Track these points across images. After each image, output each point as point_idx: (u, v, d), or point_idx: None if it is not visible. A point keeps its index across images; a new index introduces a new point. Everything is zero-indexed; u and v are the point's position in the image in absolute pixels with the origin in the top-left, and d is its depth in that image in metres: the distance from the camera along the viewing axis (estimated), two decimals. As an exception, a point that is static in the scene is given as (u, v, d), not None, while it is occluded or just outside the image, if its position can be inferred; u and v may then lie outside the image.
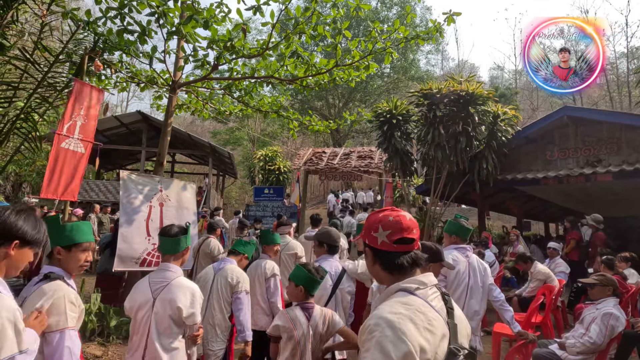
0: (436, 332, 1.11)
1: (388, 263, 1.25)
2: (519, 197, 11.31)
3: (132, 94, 34.13)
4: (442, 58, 42.25)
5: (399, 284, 1.21)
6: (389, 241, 1.25)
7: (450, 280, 3.07)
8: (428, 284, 1.21)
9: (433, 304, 1.17)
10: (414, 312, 1.11)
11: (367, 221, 1.34)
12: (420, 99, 8.68)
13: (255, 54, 5.18)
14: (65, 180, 3.05)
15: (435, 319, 1.13)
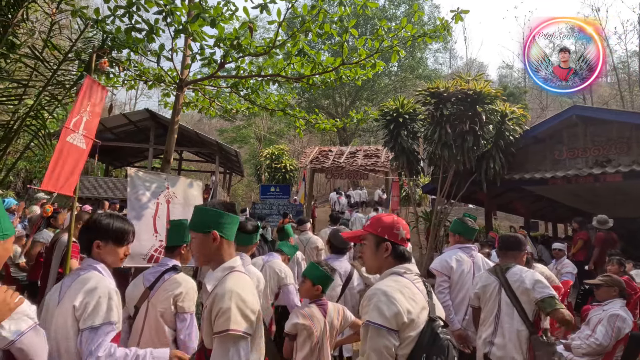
0: (418, 302, 1.49)
1: (398, 253, 1.63)
2: (527, 197, 11.22)
3: (140, 92, 34.40)
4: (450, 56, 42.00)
5: (392, 269, 1.61)
6: (405, 237, 1.66)
7: (455, 281, 3.05)
8: (413, 271, 1.60)
9: (416, 284, 1.56)
10: (402, 287, 1.51)
11: (383, 222, 1.68)
12: (427, 97, 8.64)
13: (261, 52, 5.19)
14: (66, 174, 3.08)
15: (417, 294, 1.52)
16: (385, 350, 1.40)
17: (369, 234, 1.69)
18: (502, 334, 2.60)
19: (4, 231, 1.44)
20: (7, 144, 3.57)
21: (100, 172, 19.37)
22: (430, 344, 1.40)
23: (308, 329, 2.26)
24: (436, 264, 3.15)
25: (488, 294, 2.71)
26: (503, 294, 2.64)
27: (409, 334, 1.42)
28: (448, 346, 1.41)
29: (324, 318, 2.31)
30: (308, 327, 2.26)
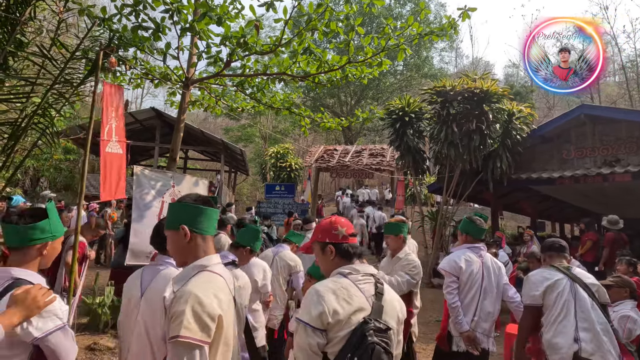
0: (353, 304, 1.50)
1: (342, 252, 1.65)
2: (534, 196, 11.13)
3: (146, 91, 34.53)
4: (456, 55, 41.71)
5: (338, 270, 1.62)
6: (346, 234, 1.67)
7: (463, 282, 3.01)
8: (361, 272, 1.60)
9: (361, 286, 1.56)
10: (338, 288, 1.53)
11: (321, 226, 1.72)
12: (433, 96, 8.59)
13: (267, 51, 5.18)
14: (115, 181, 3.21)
15: (355, 295, 1.52)
16: (309, 347, 1.46)
17: (314, 242, 1.74)
18: (585, 329, 2.54)
19: (53, 232, 1.63)
20: (15, 141, 3.59)
21: (106, 170, 19.48)
22: (356, 346, 1.43)
23: None
24: (445, 264, 3.11)
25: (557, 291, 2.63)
26: (578, 290, 2.63)
27: (337, 334, 1.47)
28: (374, 348, 1.42)
29: None
30: None
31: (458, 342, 2.96)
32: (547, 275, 2.72)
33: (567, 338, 2.55)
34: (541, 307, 2.69)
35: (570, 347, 2.52)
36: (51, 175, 16.29)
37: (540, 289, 2.68)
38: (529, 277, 2.87)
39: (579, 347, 2.50)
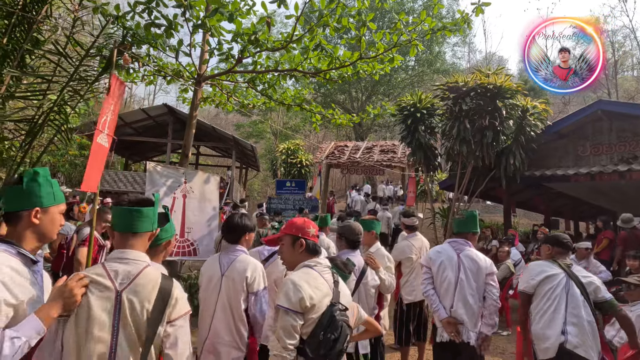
0: (322, 290, 1.80)
1: (310, 248, 1.95)
2: (547, 194, 10.95)
3: (158, 88, 34.89)
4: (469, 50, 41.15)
5: (304, 262, 1.92)
6: (315, 234, 1.98)
7: (434, 273, 3.11)
8: (322, 264, 1.92)
9: (324, 275, 1.87)
10: (309, 277, 1.82)
11: (296, 224, 2.00)
12: (445, 92, 8.50)
13: (279, 47, 5.18)
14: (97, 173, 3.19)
15: (322, 283, 1.83)
16: (292, 327, 1.72)
17: (285, 234, 2.00)
18: (573, 324, 2.73)
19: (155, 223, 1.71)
20: (32, 138, 3.66)
21: (120, 166, 19.78)
22: (327, 324, 1.73)
23: None
24: (423, 257, 3.34)
25: (552, 284, 2.82)
26: (573, 286, 2.81)
27: (311, 316, 1.74)
28: (342, 325, 1.76)
29: None
30: None
31: (441, 333, 3.02)
32: (546, 267, 2.93)
33: (556, 330, 2.75)
34: (532, 296, 2.91)
35: (558, 338, 2.73)
36: (67, 171, 16.60)
37: (536, 279, 2.89)
38: (530, 265, 3.07)
39: (565, 339, 2.71)
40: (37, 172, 1.48)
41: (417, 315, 4.15)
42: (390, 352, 4.51)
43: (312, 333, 1.72)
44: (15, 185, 1.46)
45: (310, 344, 1.72)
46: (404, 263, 4.22)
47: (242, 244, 2.62)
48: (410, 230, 4.36)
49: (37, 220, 1.46)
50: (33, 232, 1.47)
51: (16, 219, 1.45)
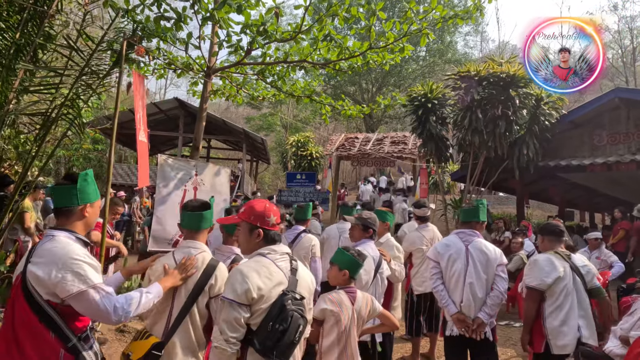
0: (273, 279, 1.73)
1: (269, 238, 1.85)
2: (562, 185, 10.76)
3: (169, 82, 35.10)
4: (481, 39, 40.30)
5: (258, 250, 1.84)
6: (275, 223, 1.86)
7: (443, 267, 3.03)
8: (278, 251, 1.83)
9: (278, 263, 1.79)
10: (260, 266, 1.75)
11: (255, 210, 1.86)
12: (457, 82, 8.37)
13: (288, 38, 5.14)
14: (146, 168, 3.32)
15: (275, 272, 1.75)
16: (235, 321, 1.66)
17: (242, 221, 1.89)
18: (582, 317, 2.79)
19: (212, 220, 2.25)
20: (45, 131, 3.72)
21: (133, 160, 20.02)
22: (277, 314, 1.66)
23: (336, 315, 2.23)
24: (430, 250, 3.23)
25: (565, 282, 2.82)
26: (577, 279, 2.85)
27: (260, 307, 1.69)
28: (292, 315, 1.68)
29: (352, 305, 2.28)
30: (336, 313, 2.23)
31: (451, 327, 2.97)
32: (557, 264, 2.85)
33: (573, 326, 2.76)
34: (544, 292, 2.86)
35: (575, 335, 2.75)
36: (81, 165, 16.88)
37: (551, 277, 2.81)
38: (537, 260, 2.95)
39: (581, 333, 2.75)
40: (87, 173, 1.79)
41: (429, 307, 4.14)
42: (402, 342, 4.52)
43: (261, 324, 1.67)
44: (69, 185, 1.73)
45: (258, 335, 1.67)
46: (415, 254, 4.20)
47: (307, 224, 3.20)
48: (421, 221, 4.33)
49: (87, 214, 1.76)
50: (82, 223, 1.76)
51: (69, 213, 1.72)
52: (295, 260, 1.88)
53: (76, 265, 1.57)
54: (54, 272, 1.54)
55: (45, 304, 1.56)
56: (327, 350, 2.23)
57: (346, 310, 2.25)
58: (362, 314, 2.32)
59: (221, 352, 1.66)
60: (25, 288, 1.57)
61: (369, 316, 2.38)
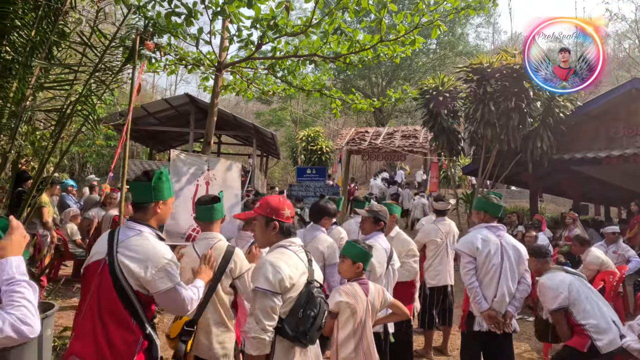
0: (299, 269, 1.83)
1: (284, 230, 1.92)
2: (576, 178, 10.58)
3: (179, 78, 35.34)
4: (493, 31, 39.62)
5: (279, 243, 1.91)
6: (289, 216, 1.94)
7: (481, 262, 2.92)
8: (296, 244, 1.92)
9: (299, 254, 1.89)
10: (286, 257, 1.82)
11: (271, 204, 1.93)
12: (469, 74, 8.27)
13: (298, 32, 5.13)
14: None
15: (298, 262, 1.85)
16: (271, 309, 1.73)
17: (259, 215, 1.96)
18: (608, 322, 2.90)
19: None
20: (61, 128, 3.78)
21: (144, 156, 20.25)
22: (306, 302, 1.75)
23: (352, 307, 2.23)
24: (461, 244, 3.02)
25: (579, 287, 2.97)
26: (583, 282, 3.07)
27: (290, 295, 1.77)
28: (320, 302, 1.79)
29: (366, 297, 2.29)
30: (352, 305, 2.24)
31: (480, 322, 2.92)
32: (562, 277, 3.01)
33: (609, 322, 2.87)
34: (568, 307, 2.93)
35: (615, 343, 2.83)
36: (94, 161, 17.14)
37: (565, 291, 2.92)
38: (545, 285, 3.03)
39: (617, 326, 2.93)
40: (162, 172, 1.93)
41: (442, 300, 4.12)
42: (415, 335, 4.51)
43: (291, 311, 1.74)
44: (145, 182, 1.87)
45: (289, 322, 1.73)
46: (429, 246, 4.17)
47: (323, 225, 3.18)
48: (439, 214, 4.31)
49: (160, 210, 1.89)
50: (156, 219, 1.90)
51: (144, 208, 1.86)
52: (308, 252, 1.98)
53: (168, 265, 1.74)
54: (149, 269, 1.69)
55: (132, 293, 1.70)
56: (343, 342, 2.24)
57: (361, 301, 2.26)
58: (376, 304, 2.34)
59: (259, 342, 1.71)
60: (114, 276, 1.69)
61: (381, 306, 2.40)
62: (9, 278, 1.30)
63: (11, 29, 3.66)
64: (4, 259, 1.33)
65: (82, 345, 1.66)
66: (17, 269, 1.33)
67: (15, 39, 3.73)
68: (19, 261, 1.36)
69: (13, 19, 3.67)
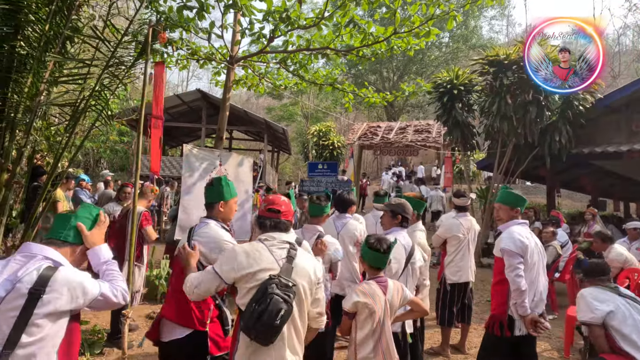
0: (260, 263, 1.80)
1: (260, 223, 1.98)
2: (595, 173, 10.31)
3: (191, 74, 35.53)
4: (507, 23, 38.89)
5: (258, 236, 1.95)
6: (265, 209, 1.98)
7: (527, 261, 2.73)
8: (277, 239, 1.90)
9: (273, 250, 1.85)
10: (252, 249, 1.85)
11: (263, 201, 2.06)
12: (485, 66, 8.08)
13: (310, 25, 5.05)
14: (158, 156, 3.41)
15: (265, 257, 1.82)
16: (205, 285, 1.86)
17: None
18: None
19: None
20: (75, 122, 3.78)
21: (157, 151, 20.39)
22: (259, 297, 1.71)
23: (370, 307, 2.18)
24: (509, 243, 2.74)
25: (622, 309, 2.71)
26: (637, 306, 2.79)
27: (244, 286, 1.79)
28: (272, 298, 1.68)
29: (385, 296, 2.23)
30: (370, 306, 2.18)
31: (519, 326, 2.72)
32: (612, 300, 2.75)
33: None
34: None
35: None
36: (108, 157, 17.33)
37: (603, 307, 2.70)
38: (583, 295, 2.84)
39: None
40: (222, 179, 2.36)
41: (462, 297, 4.03)
42: (430, 332, 4.44)
43: (247, 306, 1.74)
44: (210, 187, 2.36)
45: (242, 316, 1.76)
46: (450, 241, 4.08)
47: (350, 213, 3.63)
48: (460, 210, 4.21)
49: (222, 209, 2.32)
50: (220, 215, 2.32)
51: (211, 207, 2.33)
52: (294, 249, 1.89)
53: (225, 245, 2.17)
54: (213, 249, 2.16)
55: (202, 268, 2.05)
56: (361, 342, 2.19)
57: (379, 301, 2.20)
58: (394, 303, 2.27)
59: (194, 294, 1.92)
60: None
61: (400, 304, 2.33)
62: (105, 260, 1.70)
63: (25, 23, 3.66)
64: (97, 247, 1.70)
65: (168, 309, 2.22)
66: (107, 253, 1.73)
67: (30, 33, 3.74)
68: (106, 247, 1.74)
69: (27, 13, 3.67)
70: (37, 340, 1.39)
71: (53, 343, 1.44)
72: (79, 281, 1.50)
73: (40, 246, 1.56)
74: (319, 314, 1.92)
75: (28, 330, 1.37)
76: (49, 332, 1.42)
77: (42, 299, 1.40)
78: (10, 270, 1.44)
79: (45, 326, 1.41)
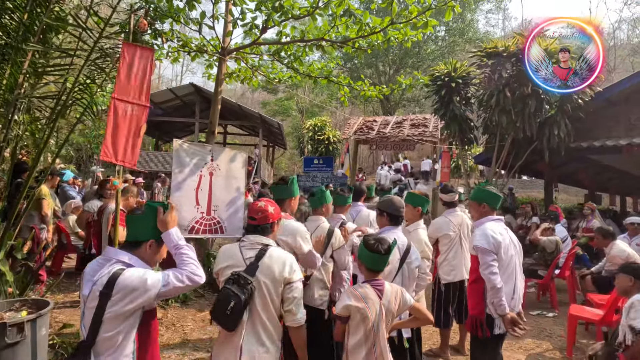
0: (228, 261, 2.02)
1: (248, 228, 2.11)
2: (592, 167, 10.24)
3: (185, 69, 35.14)
4: (503, 17, 38.77)
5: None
6: (255, 217, 2.09)
7: (501, 258, 2.65)
8: (250, 240, 2.06)
9: (244, 250, 2.03)
10: (229, 249, 2.09)
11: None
12: (483, 59, 7.95)
13: (305, 14, 4.87)
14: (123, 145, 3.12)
15: (234, 256, 2.03)
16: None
17: None
18: None
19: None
20: (57, 115, 3.60)
21: (150, 146, 20.15)
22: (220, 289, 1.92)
23: (362, 311, 2.04)
24: (481, 240, 2.65)
25: None
26: None
27: (220, 279, 2.01)
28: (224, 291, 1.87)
29: (380, 300, 2.09)
30: (362, 310, 2.04)
31: (499, 324, 2.64)
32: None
33: None
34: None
35: None
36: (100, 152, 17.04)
37: None
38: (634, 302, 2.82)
39: None
40: (294, 178, 2.80)
41: (458, 297, 3.90)
42: (428, 333, 4.33)
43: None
44: (283, 185, 2.75)
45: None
46: (442, 240, 3.94)
47: (362, 202, 4.06)
48: (448, 206, 4.07)
49: (292, 203, 2.78)
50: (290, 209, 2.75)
51: (283, 202, 2.67)
52: (265, 250, 2.01)
53: (306, 234, 2.62)
54: (297, 239, 2.55)
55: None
56: (353, 349, 2.05)
57: (373, 305, 2.05)
58: (392, 308, 2.11)
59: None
60: None
61: (399, 310, 2.16)
62: (176, 244, 1.77)
63: (2, 11, 3.47)
64: (169, 231, 1.78)
65: None
66: (178, 238, 1.79)
67: (7, 22, 3.55)
68: (177, 231, 1.82)
69: (4, 1, 3.48)
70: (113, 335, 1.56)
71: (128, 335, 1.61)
72: (139, 281, 1.59)
73: (115, 250, 1.74)
74: (287, 312, 1.95)
75: (104, 326, 1.55)
76: (123, 327, 1.58)
77: (111, 300, 1.55)
78: (93, 271, 1.64)
79: (118, 322, 1.57)
